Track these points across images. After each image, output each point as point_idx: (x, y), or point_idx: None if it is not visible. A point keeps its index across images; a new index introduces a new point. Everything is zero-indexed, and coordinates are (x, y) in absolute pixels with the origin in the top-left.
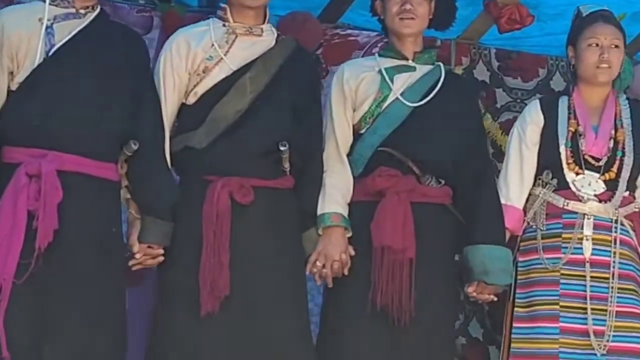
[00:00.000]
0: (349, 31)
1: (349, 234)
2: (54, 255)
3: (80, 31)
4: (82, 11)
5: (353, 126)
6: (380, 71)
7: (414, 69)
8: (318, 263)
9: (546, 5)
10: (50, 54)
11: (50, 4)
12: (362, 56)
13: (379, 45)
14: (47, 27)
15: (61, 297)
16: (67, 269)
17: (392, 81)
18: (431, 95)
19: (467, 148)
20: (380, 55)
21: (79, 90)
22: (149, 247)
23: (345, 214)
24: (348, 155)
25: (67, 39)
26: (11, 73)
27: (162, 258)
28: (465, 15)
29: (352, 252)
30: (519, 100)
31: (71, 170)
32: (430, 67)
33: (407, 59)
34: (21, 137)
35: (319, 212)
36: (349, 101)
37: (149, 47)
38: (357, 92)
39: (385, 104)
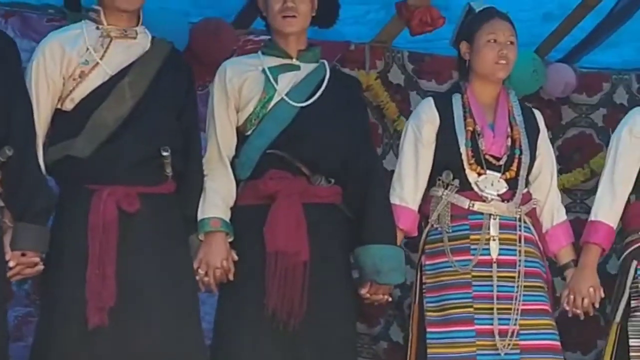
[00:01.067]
0: (263, 37)
1: (231, 239)
2: None
3: None
4: None
5: (238, 127)
6: (264, 70)
7: (298, 67)
8: (200, 271)
9: (457, 7)
10: None
11: None
12: None
13: None
14: None
15: None
16: None
17: (276, 81)
18: (317, 95)
19: (355, 146)
20: (263, 54)
21: None
22: (22, 254)
23: (227, 218)
24: (235, 157)
25: None
26: None
27: (41, 267)
28: (379, 18)
29: (236, 258)
30: None
31: None
32: (314, 65)
33: (291, 58)
34: None
35: (199, 217)
36: (232, 101)
37: None
38: (240, 92)
39: (271, 105)
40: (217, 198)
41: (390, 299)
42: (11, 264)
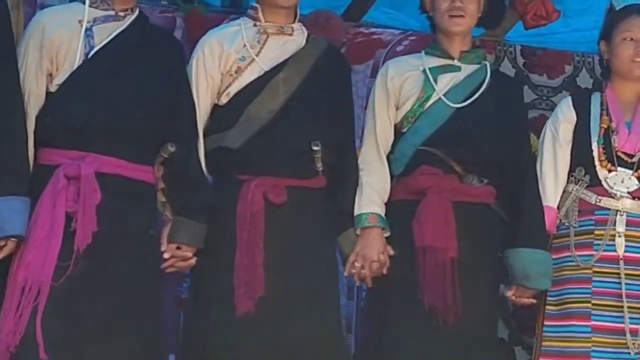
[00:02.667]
0: (373, 29)
1: (387, 234)
2: (92, 257)
3: (119, 34)
4: (122, 14)
5: (395, 125)
6: (424, 70)
7: (459, 68)
8: (357, 264)
9: (572, 1)
10: (89, 56)
11: (90, 6)
12: (386, 54)
13: (403, 43)
14: (86, 30)
15: (99, 299)
16: (104, 271)
17: (435, 81)
18: (475, 97)
19: (511, 149)
20: (426, 53)
21: (118, 92)
22: (178, 247)
23: (383, 213)
24: (389, 153)
25: (106, 41)
26: (50, 75)
27: (194, 261)
28: None
29: (391, 252)
30: (544, 98)
31: (109, 173)
32: (476, 66)
33: (452, 58)
34: (60, 139)
35: (356, 212)
36: (392, 99)
37: None
38: (400, 90)
39: (428, 104)
40: (374, 193)
41: (534, 302)
42: (166, 255)
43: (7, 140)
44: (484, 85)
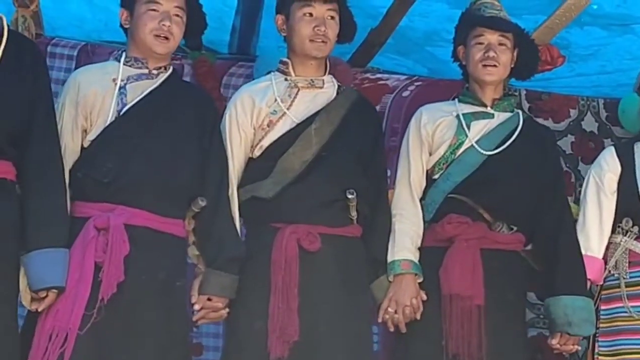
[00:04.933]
0: (379, 75)
1: (420, 280)
2: (119, 306)
3: (151, 91)
4: (155, 72)
5: (427, 171)
6: (457, 116)
7: (492, 116)
8: (390, 309)
9: (577, 46)
10: (122, 113)
11: (124, 65)
12: (392, 100)
13: (409, 88)
14: (120, 87)
15: (124, 349)
16: (130, 320)
17: (468, 127)
18: (507, 144)
19: (544, 197)
20: (459, 101)
21: (149, 148)
22: (208, 299)
23: (416, 260)
24: (421, 200)
25: (138, 98)
26: (85, 131)
27: (225, 312)
28: None
29: (424, 297)
30: None
31: (139, 225)
32: (508, 114)
33: (485, 106)
34: (92, 192)
35: (389, 259)
36: (426, 145)
37: None
38: (433, 136)
39: (460, 151)
40: (407, 240)
41: (580, 349)
42: (196, 307)
43: (50, 194)
44: (516, 133)
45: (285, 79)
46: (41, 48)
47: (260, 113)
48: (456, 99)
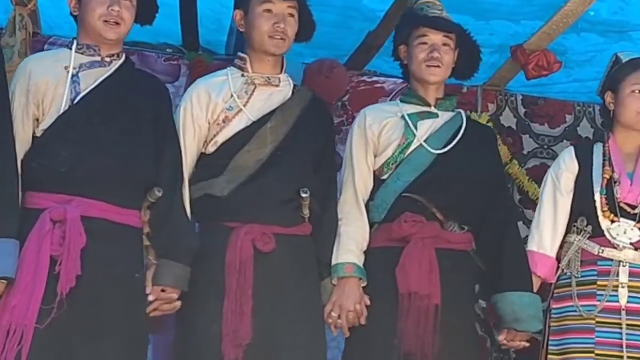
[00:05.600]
0: (375, 78)
1: (364, 284)
2: (77, 300)
3: (105, 79)
4: (108, 59)
5: (374, 171)
6: (403, 117)
7: (436, 115)
8: (333, 314)
9: (573, 51)
10: (75, 101)
11: (76, 52)
12: None
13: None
14: (72, 75)
15: (84, 342)
16: (90, 314)
17: (416, 127)
18: (454, 142)
19: (491, 195)
20: (402, 101)
21: (104, 137)
22: (162, 290)
23: (360, 263)
24: (369, 200)
25: (92, 86)
26: (36, 119)
27: (178, 304)
28: (492, 61)
29: (368, 302)
30: (545, 147)
31: (95, 216)
32: (451, 113)
33: (429, 105)
34: (45, 183)
35: (333, 262)
36: (371, 146)
37: (177, 95)
38: (380, 137)
39: (409, 150)
40: (351, 243)
41: (527, 345)
42: (151, 297)
43: None
44: (462, 132)
45: (242, 75)
46: (38, 47)
47: (216, 108)
48: (398, 99)
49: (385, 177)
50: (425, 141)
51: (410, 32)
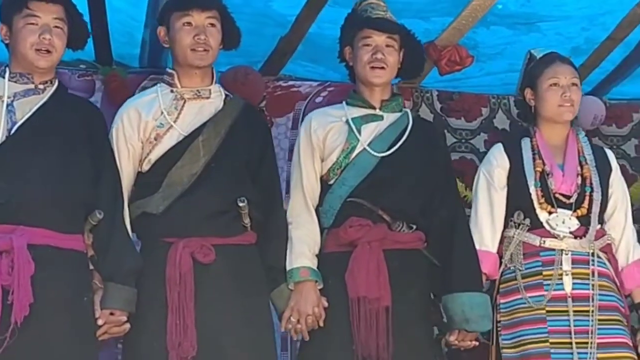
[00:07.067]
0: (291, 82)
1: (320, 286)
2: (28, 327)
3: (40, 107)
4: (41, 86)
5: (322, 177)
6: (347, 121)
7: (381, 117)
8: (292, 319)
9: (484, 45)
10: (12, 132)
11: (9, 81)
12: (306, 106)
13: (322, 94)
14: (7, 105)
15: None
16: (41, 340)
17: (359, 131)
18: (399, 144)
19: (437, 194)
20: (347, 104)
21: (42, 165)
22: (111, 313)
23: (315, 266)
24: (318, 206)
25: (28, 116)
26: None
27: (128, 326)
28: None
29: (325, 304)
30: (464, 141)
31: (40, 244)
32: (397, 114)
33: (374, 108)
34: None
35: (287, 267)
36: (317, 151)
37: None
38: (325, 142)
39: (353, 155)
40: (304, 247)
41: (477, 344)
42: (100, 321)
43: None
44: (407, 133)
45: (172, 91)
46: None
47: (147, 126)
48: (344, 102)
49: (331, 182)
50: (369, 145)
51: (354, 34)
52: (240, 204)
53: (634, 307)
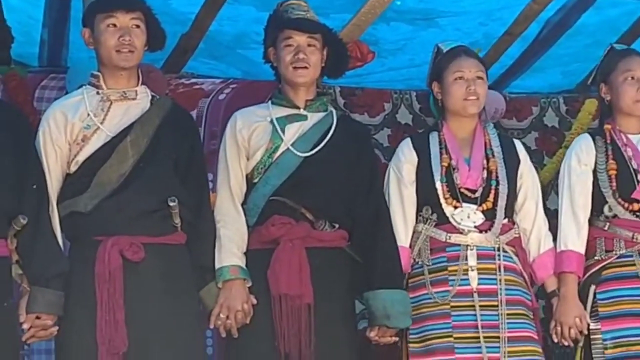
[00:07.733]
0: (193, 80)
1: (249, 284)
2: None
3: None
4: None
5: (247, 175)
6: (272, 121)
7: (305, 117)
8: (222, 315)
9: (385, 41)
10: None
11: None
12: (209, 103)
13: (225, 91)
14: None
15: None
16: None
17: (283, 131)
18: (322, 144)
19: (361, 192)
20: (272, 103)
21: None
22: (37, 317)
23: (243, 264)
24: (243, 204)
25: None
26: None
27: (55, 330)
28: None
29: (254, 301)
30: None
31: None
32: (322, 114)
33: (298, 108)
34: None
35: (217, 265)
36: (243, 151)
37: None
38: (250, 141)
39: (277, 155)
40: (233, 245)
41: (397, 340)
42: (25, 326)
43: None
44: (331, 132)
45: (98, 93)
46: None
47: (73, 128)
48: (269, 102)
49: (256, 181)
50: (292, 145)
51: (276, 35)
52: (171, 204)
53: (547, 296)
